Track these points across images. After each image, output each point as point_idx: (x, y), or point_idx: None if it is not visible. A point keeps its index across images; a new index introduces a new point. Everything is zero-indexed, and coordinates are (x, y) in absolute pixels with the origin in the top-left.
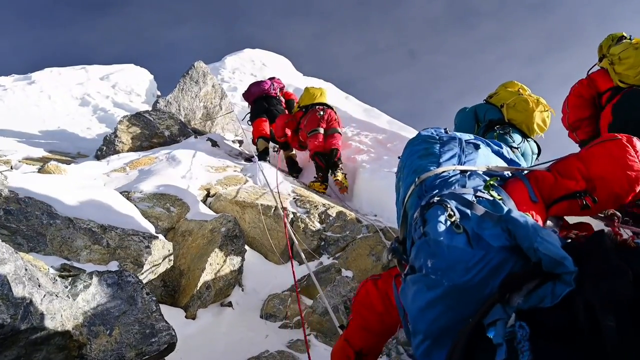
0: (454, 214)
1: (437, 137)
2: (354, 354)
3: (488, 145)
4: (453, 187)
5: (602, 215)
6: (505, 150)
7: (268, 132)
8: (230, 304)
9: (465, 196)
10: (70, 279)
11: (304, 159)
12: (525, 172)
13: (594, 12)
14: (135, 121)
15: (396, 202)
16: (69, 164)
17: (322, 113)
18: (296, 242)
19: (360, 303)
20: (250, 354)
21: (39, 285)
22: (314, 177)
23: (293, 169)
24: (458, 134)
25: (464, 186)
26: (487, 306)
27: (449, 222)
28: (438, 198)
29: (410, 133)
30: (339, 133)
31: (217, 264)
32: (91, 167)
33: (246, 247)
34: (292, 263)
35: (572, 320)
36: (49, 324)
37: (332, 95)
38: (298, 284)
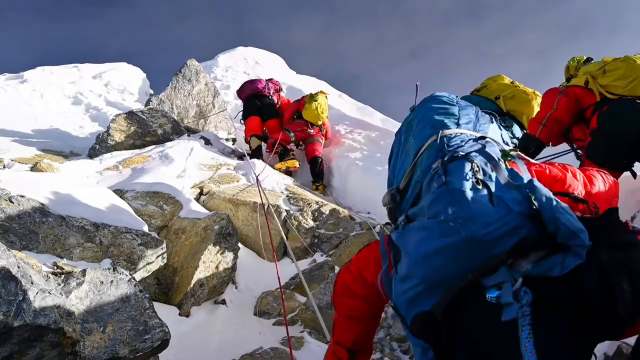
0: (479, 171)
1: (455, 101)
2: (347, 352)
3: (499, 123)
4: (473, 149)
5: None
6: (507, 134)
7: (261, 131)
8: (223, 302)
9: (493, 154)
10: (63, 276)
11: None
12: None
13: (604, 5)
14: (128, 119)
15: (394, 154)
16: (62, 162)
17: (312, 131)
18: (286, 240)
19: (340, 294)
20: (243, 351)
21: (32, 283)
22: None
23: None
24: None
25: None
26: (491, 266)
27: (473, 178)
28: (464, 153)
29: None
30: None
31: (210, 262)
32: (84, 166)
33: (239, 244)
34: (276, 262)
35: (576, 291)
36: (42, 321)
37: None
38: (292, 281)
